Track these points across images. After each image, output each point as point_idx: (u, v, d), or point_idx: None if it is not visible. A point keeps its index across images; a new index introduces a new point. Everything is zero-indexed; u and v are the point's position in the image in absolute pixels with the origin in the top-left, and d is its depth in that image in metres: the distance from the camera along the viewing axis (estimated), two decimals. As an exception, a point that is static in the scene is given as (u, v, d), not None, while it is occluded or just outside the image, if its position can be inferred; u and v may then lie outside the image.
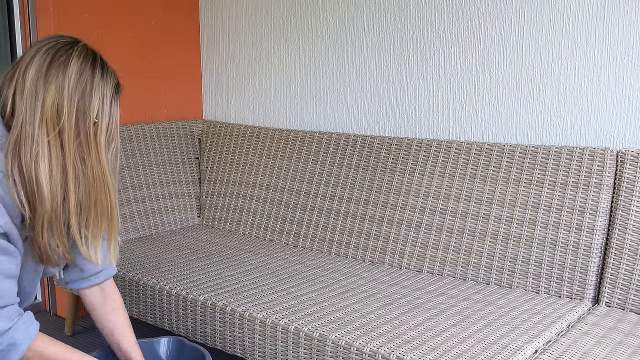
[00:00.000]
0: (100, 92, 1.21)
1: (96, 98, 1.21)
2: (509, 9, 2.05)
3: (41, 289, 2.74)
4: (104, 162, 1.23)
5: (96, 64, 1.22)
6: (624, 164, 1.81)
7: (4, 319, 1.18)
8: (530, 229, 1.91)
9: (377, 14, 2.35)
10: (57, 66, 1.18)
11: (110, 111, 1.23)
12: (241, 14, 2.77)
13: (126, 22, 2.65)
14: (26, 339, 1.20)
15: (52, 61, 1.18)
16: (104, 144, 1.22)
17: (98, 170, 1.22)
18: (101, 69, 1.23)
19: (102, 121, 1.22)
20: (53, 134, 1.17)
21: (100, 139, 1.22)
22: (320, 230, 2.34)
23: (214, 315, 1.80)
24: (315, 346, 1.57)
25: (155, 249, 2.34)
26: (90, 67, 1.21)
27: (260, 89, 2.75)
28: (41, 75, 1.17)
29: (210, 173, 2.72)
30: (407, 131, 2.33)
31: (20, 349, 1.19)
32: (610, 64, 1.89)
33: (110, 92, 1.23)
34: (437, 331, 1.58)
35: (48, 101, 1.16)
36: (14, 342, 1.19)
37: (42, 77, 1.17)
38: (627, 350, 1.49)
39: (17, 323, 1.20)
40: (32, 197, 1.16)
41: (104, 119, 1.22)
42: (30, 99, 1.17)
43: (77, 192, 1.20)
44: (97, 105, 1.21)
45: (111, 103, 1.23)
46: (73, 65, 1.19)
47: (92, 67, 1.21)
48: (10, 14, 2.52)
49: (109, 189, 1.25)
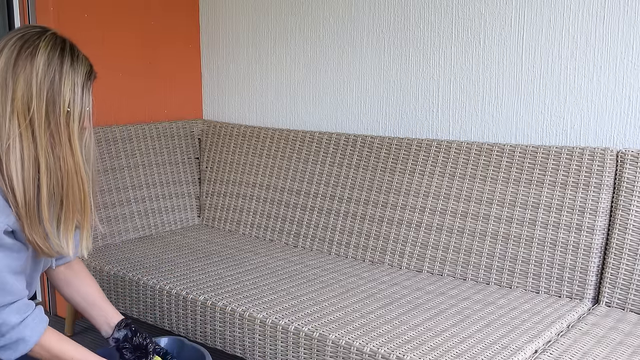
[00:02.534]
0: (71, 80, 1.20)
1: (66, 87, 1.19)
2: (509, 9, 2.05)
3: (41, 289, 2.74)
4: (77, 151, 1.22)
5: (65, 53, 1.21)
6: (624, 164, 1.81)
7: (15, 312, 1.21)
8: (530, 229, 1.91)
9: (377, 14, 2.35)
10: (25, 58, 1.17)
11: (82, 100, 1.22)
12: (241, 14, 2.77)
13: (126, 22, 2.65)
14: (34, 335, 1.23)
15: (20, 53, 1.17)
16: (76, 133, 1.21)
17: (70, 160, 1.21)
18: (70, 57, 1.21)
19: (74, 110, 1.21)
20: (24, 125, 1.16)
21: (72, 128, 1.21)
22: (320, 230, 2.34)
23: (214, 315, 1.80)
24: (315, 346, 1.57)
25: (155, 249, 2.34)
26: (58, 56, 1.19)
27: (260, 89, 2.75)
28: (9, 68, 1.16)
29: (210, 173, 2.72)
30: (407, 131, 2.33)
31: (28, 345, 1.23)
32: (610, 64, 1.89)
33: (81, 80, 1.22)
34: (437, 331, 1.58)
35: (18, 93, 1.16)
36: (22, 337, 1.22)
37: (10, 70, 1.16)
38: (627, 350, 1.49)
39: (27, 319, 1.23)
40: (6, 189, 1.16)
41: (76, 108, 1.21)
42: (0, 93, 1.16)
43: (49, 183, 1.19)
44: (68, 95, 1.20)
45: (82, 91, 1.22)
46: (40, 55, 1.18)
47: (61, 56, 1.20)
48: (10, 14, 2.52)
49: (82, 179, 1.23)
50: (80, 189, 1.24)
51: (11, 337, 1.21)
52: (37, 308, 1.26)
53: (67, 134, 1.20)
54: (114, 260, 2.19)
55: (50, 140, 1.19)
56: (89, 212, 1.27)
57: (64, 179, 1.21)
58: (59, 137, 1.20)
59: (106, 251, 2.32)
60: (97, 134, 2.49)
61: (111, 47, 2.61)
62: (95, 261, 2.19)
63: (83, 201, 1.25)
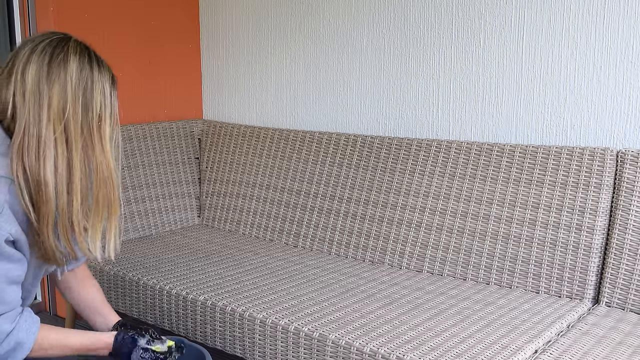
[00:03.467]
0: (101, 85, 1.23)
1: (98, 92, 1.22)
2: (509, 9, 2.05)
3: (41, 289, 2.74)
4: (109, 154, 1.24)
5: (92, 59, 1.24)
6: (624, 164, 1.81)
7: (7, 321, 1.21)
8: (530, 229, 1.91)
9: (377, 14, 2.35)
10: (58, 65, 1.19)
11: (111, 103, 1.25)
12: (241, 14, 2.77)
13: (126, 22, 2.65)
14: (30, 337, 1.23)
15: (52, 60, 1.19)
16: (108, 136, 1.24)
17: (103, 162, 1.23)
18: (97, 63, 1.24)
19: (105, 114, 1.23)
20: (59, 131, 1.17)
21: (104, 132, 1.23)
22: (320, 230, 2.34)
23: (214, 315, 1.80)
24: (315, 346, 1.57)
25: (155, 249, 2.34)
26: (88, 62, 1.22)
27: (260, 89, 2.75)
28: (43, 75, 1.18)
29: (210, 173, 2.72)
30: (407, 131, 2.33)
31: (26, 347, 1.23)
32: (610, 64, 1.89)
33: (109, 84, 1.25)
34: (437, 331, 1.58)
35: (54, 100, 1.17)
36: (19, 341, 1.22)
37: (44, 77, 1.18)
38: (627, 350, 1.49)
39: (19, 323, 1.22)
40: (38, 198, 1.17)
41: (107, 111, 1.24)
42: (33, 100, 1.17)
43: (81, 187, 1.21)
44: (100, 99, 1.22)
45: (111, 95, 1.25)
46: (72, 62, 1.20)
47: (90, 62, 1.22)
48: (10, 14, 2.52)
49: (113, 181, 1.26)
50: (112, 191, 1.26)
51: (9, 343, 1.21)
52: (26, 310, 1.26)
53: (99, 137, 1.23)
54: (114, 260, 2.19)
55: (84, 144, 1.21)
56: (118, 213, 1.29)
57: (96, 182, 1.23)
58: (92, 140, 1.22)
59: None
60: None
61: (111, 47, 2.61)
62: (95, 261, 2.19)
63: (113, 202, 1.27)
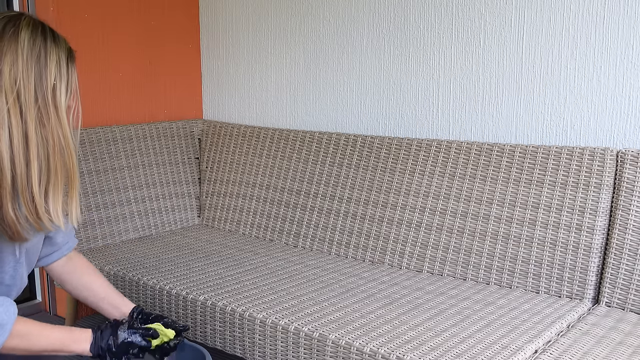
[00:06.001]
0: (56, 55, 1.23)
1: (52, 61, 1.22)
2: (509, 9, 2.05)
3: (41, 289, 2.74)
4: (65, 123, 1.24)
5: (46, 31, 1.24)
6: (624, 164, 1.81)
7: None
8: (530, 229, 1.91)
9: (377, 14, 2.35)
10: (9, 38, 1.19)
11: (68, 74, 1.25)
12: (241, 14, 2.77)
13: (126, 22, 2.65)
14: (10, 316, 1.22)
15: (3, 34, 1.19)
16: (64, 106, 1.24)
17: (59, 131, 1.23)
18: (51, 35, 1.25)
19: (60, 83, 1.23)
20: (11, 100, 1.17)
21: (59, 102, 1.23)
22: (320, 230, 2.34)
23: (214, 315, 1.80)
24: (315, 346, 1.57)
25: (155, 249, 2.34)
26: (41, 34, 1.23)
27: (260, 89, 2.75)
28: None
29: (210, 173, 2.72)
30: (407, 131, 2.33)
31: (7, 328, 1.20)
32: (610, 64, 1.89)
33: (64, 55, 1.25)
34: (437, 331, 1.58)
35: (5, 71, 1.17)
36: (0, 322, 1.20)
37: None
38: (627, 350, 1.49)
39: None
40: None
41: (62, 81, 1.24)
42: None
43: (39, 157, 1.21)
44: (54, 68, 1.22)
45: (68, 66, 1.25)
46: (24, 33, 1.20)
47: (43, 34, 1.23)
48: (10, 14, 2.52)
49: (71, 151, 1.26)
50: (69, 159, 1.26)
51: None
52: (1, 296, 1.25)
53: (55, 107, 1.23)
54: (114, 260, 2.19)
55: (38, 114, 1.21)
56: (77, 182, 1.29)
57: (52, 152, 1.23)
58: (47, 110, 1.22)
59: (106, 251, 2.32)
60: (97, 133, 2.49)
61: (111, 47, 2.61)
62: (95, 261, 2.19)
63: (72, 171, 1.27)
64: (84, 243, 2.38)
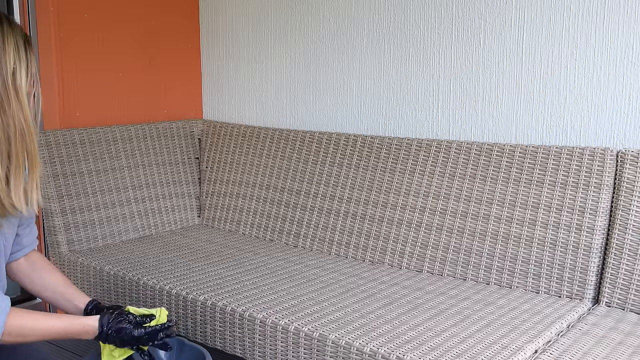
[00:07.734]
0: (13, 39, 1.24)
1: (10, 46, 1.23)
2: (509, 9, 2.05)
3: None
4: (26, 107, 1.25)
5: (1, 17, 1.25)
6: (624, 164, 1.81)
7: None
8: (530, 229, 1.91)
9: (377, 14, 2.35)
10: None
11: (27, 58, 1.26)
12: (241, 14, 2.77)
13: (126, 22, 2.65)
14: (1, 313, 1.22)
15: None
16: (24, 89, 1.25)
17: (20, 115, 1.24)
18: (7, 21, 1.26)
19: (20, 67, 1.24)
20: None
21: (20, 87, 1.24)
22: (320, 230, 2.34)
23: (214, 315, 1.80)
24: (315, 346, 1.57)
25: (155, 249, 2.34)
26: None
27: (260, 89, 2.75)
28: None
29: (210, 173, 2.72)
30: (407, 131, 2.33)
31: None
32: (610, 64, 1.89)
33: (22, 39, 1.26)
34: (437, 331, 1.58)
35: None
36: None
37: None
38: (627, 350, 1.49)
39: None
40: None
41: (22, 65, 1.25)
42: None
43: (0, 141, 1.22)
44: (12, 52, 1.23)
45: (26, 51, 1.26)
46: None
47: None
48: (10, 14, 2.52)
49: (31, 134, 1.26)
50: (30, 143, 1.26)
51: None
52: None
53: (15, 91, 1.23)
54: (114, 260, 2.19)
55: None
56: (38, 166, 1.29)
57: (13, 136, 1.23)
58: (7, 95, 1.22)
59: (106, 251, 2.32)
60: (97, 133, 2.49)
61: (111, 47, 2.61)
62: (95, 261, 2.19)
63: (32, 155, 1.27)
64: (84, 243, 2.38)
